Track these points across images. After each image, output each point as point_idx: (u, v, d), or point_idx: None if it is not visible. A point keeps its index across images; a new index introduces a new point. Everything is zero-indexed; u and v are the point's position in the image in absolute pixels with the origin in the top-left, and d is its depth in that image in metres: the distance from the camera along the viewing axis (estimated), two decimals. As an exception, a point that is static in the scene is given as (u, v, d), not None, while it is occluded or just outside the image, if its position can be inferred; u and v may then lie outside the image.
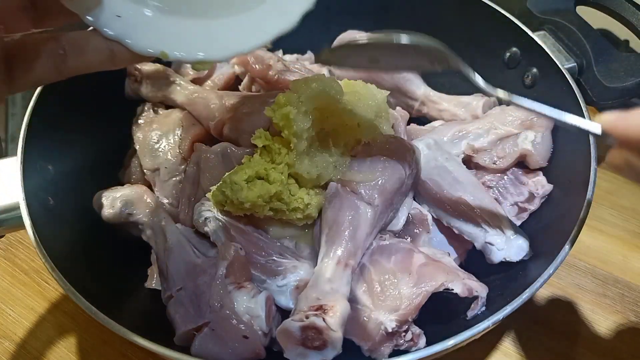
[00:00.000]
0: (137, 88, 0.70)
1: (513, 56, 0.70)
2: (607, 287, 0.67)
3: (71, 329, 0.66)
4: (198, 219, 0.58)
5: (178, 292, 0.54)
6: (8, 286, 0.70)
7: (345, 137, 0.57)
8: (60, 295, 0.69)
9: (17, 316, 0.67)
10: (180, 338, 0.52)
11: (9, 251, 0.74)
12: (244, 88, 0.71)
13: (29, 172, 0.56)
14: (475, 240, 0.59)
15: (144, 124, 0.68)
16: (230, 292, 0.52)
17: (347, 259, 0.52)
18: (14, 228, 0.56)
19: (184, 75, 0.73)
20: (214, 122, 0.64)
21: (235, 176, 0.55)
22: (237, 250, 0.53)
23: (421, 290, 0.52)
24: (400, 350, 0.52)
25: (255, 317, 0.50)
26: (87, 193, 0.62)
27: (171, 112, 0.69)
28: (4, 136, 0.92)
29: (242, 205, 0.54)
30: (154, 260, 0.60)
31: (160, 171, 0.64)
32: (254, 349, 0.50)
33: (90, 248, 0.59)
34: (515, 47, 0.69)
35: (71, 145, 0.64)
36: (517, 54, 0.69)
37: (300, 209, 0.56)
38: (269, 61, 0.69)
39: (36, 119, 0.59)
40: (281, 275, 0.54)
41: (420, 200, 0.62)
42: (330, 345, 0.46)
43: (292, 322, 0.46)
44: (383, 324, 0.51)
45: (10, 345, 0.65)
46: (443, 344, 0.45)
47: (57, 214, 0.57)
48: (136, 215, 0.60)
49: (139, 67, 0.68)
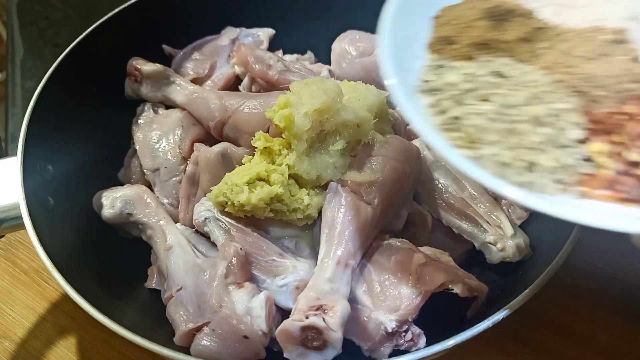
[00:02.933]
0: (137, 88, 0.70)
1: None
2: (607, 287, 0.67)
3: (71, 329, 0.66)
4: (198, 219, 0.58)
5: (178, 292, 0.54)
6: (8, 286, 0.70)
7: (345, 138, 0.57)
8: (60, 295, 0.69)
9: (17, 316, 0.67)
10: (180, 338, 0.52)
11: (9, 251, 0.74)
12: (244, 88, 0.71)
13: (29, 172, 0.56)
14: (475, 240, 0.59)
15: (144, 124, 0.68)
16: (230, 292, 0.52)
17: (347, 259, 0.52)
18: (14, 228, 0.56)
19: (184, 75, 0.73)
20: (214, 122, 0.64)
21: (236, 178, 0.55)
22: (237, 250, 0.53)
23: (421, 290, 0.52)
24: (400, 350, 0.52)
25: (255, 317, 0.50)
26: (87, 193, 0.62)
27: (171, 112, 0.69)
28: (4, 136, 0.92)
29: (243, 207, 0.54)
30: (154, 260, 0.60)
31: (160, 171, 0.64)
32: (254, 349, 0.50)
33: (90, 248, 0.60)
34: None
35: (71, 145, 0.64)
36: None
37: (300, 209, 0.56)
38: (269, 61, 0.69)
39: (36, 119, 0.59)
40: (281, 275, 0.54)
41: (420, 200, 0.62)
42: (330, 345, 0.46)
43: (292, 322, 0.46)
44: (383, 324, 0.51)
45: (10, 345, 0.65)
46: (443, 344, 0.45)
47: (57, 214, 0.57)
48: (136, 215, 0.60)
49: (139, 67, 0.68)
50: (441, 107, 0.42)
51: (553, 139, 0.40)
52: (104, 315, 0.47)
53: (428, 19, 0.47)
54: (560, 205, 0.38)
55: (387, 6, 0.46)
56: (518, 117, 0.40)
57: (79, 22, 1.05)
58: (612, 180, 0.39)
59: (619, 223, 0.36)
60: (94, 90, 0.69)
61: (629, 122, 0.40)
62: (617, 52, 0.44)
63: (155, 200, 0.61)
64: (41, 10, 1.10)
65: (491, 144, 0.39)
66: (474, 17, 0.45)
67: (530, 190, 0.39)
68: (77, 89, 0.66)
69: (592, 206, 0.39)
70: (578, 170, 0.40)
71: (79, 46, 0.66)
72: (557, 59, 0.44)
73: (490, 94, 0.41)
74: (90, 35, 0.67)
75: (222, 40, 0.76)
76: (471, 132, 0.40)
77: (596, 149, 0.41)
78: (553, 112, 0.41)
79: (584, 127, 0.41)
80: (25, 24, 1.08)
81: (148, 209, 0.60)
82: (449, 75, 0.43)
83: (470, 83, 0.42)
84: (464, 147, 0.40)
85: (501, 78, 0.42)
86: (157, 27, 0.74)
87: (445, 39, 0.45)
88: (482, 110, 0.41)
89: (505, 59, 0.44)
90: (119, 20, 0.69)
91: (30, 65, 1.01)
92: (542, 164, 0.39)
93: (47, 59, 0.99)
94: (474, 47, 0.44)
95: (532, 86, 0.42)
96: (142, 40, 0.72)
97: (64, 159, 0.62)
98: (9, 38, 1.06)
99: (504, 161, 0.39)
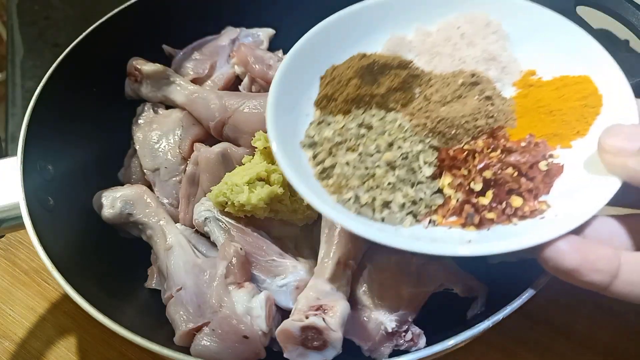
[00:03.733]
0: (137, 88, 0.70)
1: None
2: (607, 287, 0.67)
3: (71, 329, 0.66)
4: (198, 219, 0.58)
5: (178, 292, 0.54)
6: (8, 286, 0.70)
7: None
8: (60, 295, 0.69)
9: (17, 316, 0.67)
10: (180, 338, 0.52)
11: (9, 251, 0.74)
12: (244, 88, 0.71)
13: (29, 172, 0.56)
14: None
15: (144, 124, 0.68)
16: (230, 292, 0.52)
17: (347, 259, 0.52)
18: (14, 228, 0.56)
19: (184, 75, 0.73)
20: (214, 122, 0.64)
21: (236, 178, 0.55)
22: (237, 250, 0.53)
23: (421, 290, 0.52)
24: (400, 351, 0.52)
25: (255, 317, 0.50)
26: (87, 193, 0.62)
27: (171, 112, 0.69)
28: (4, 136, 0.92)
29: (243, 207, 0.54)
30: (154, 260, 0.60)
31: (160, 171, 0.64)
32: (254, 349, 0.50)
33: (90, 248, 0.59)
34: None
35: (71, 145, 0.64)
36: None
37: (300, 209, 0.56)
38: (269, 61, 0.69)
39: (36, 119, 0.59)
40: (281, 275, 0.54)
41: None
42: (330, 345, 0.46)
43: (292, 322, 0.46)
44: (383, 324, 0.51)
45: (10, 345, 0.65)
46: (443, 344, 0.45)
47: (57, 214, 0.57)
48: (136, 215, 0.60)
49: (139, 67, 0.68)
50: (318, 159, 0.48)
51: (407, 179, 0.47)
52: (104, 315, 0.47)
53: (318, 77, 0.53)
54: (393, 236, 0.43)
55: (279, 70, 0.51)
56: (375, 163, 0.47)
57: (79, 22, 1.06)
58: (457, 208, 0.46)
59: (449, 247, 0.42)
60: (94, 90, 0.69)
61: (476, 156, 0.47)
62: (470, 94, 0.50)
63: (155, 200, 0.61)
64: (41, 10, 1.10)
65: (353, 189, 0.46)
66: (350, 76, 0.51)
67: (388, 224, 0.45)
68: (77, 89, 0.66)
69: (437, 233, 0.45)
70: (431, 203, 0.46)
71: (79, 46, 0.66)
72: (419, 104, 0.51)
73: (355, 144, 0.48)
74: (90, 35, 0.67)
75: (222, 40, 0.76)
76: (339, 180, 0.46)
77: (446, 182, 0.47)
78: (409, 154, 0.47)
79: (436, 164, 0.48)
80: (25, 24, 1.08)
81: (148, 209, 0.60)
82: (325, 130, 0.49)
83: (340, 136, 0.49)
84: (335, 193, 0.46)
85: (366, 129, 0.49)
86: (157, 27, 0.74)
87: (327, 96, 0.51)
88: (347, 160, 0.47)
89: (374, 110, 0.51)
90: (119, 20, 0.69)
91: (30, 65, 1.01)
92: (395, 201, 0.46)
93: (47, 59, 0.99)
94: (349, 102, 0.51)
95: (393, 133, 0.48)
96: (142, 40, 0.72)
97: (64, 159, 0.62)
98: (9, 38, 1.06)
99: (362, 202, 0.45)
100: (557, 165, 0.47)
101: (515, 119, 0.50)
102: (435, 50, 0.55)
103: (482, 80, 0.51)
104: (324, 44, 0.54)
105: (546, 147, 0.48)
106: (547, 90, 0.52)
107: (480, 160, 0.46)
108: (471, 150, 0.47)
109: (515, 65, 0.54)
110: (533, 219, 0.44)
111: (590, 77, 0.51)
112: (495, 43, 0.54)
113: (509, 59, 0.54)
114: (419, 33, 0.56)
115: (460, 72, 0.52)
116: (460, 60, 0.54)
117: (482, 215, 0.44)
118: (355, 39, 0.55)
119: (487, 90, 0.50)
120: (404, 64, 0.53)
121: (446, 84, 0.51)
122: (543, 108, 0.51)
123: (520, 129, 0.50)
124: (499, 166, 0.45)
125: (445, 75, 0.53)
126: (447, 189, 0.47)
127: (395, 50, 0.55)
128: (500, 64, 0.53)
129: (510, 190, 0.45)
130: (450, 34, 0.55)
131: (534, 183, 0.45)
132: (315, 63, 0.53)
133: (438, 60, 0.54)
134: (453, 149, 0.48)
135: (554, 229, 0.41)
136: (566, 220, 0.41)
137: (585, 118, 0.49)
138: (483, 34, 0.54)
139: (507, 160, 0.45)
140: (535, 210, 0.44)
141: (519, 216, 0.44)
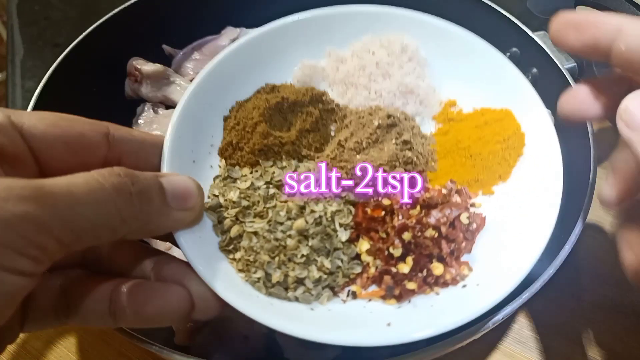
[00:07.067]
0: (137, 88, 0.70)
1: (513, 56, 0.70)
2: (607, 287, 0.67)
3: (71, 329, 0.66)
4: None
5: (178, 292, 0.54)
6: (8, 286, 0.70)
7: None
8: (60, 295, 0.69)
9: (17, 316, 0.67)
10: (180, 338, 0.52)
11: (9, 251, 0.73)
12: (244, 88, 0.71)
13: (29, 172, 0.56)
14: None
15: (144, 124, 0.68)
16: (230, 292, 0.52)
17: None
18: (14, 228, 0.55)
19: (184, 75, 0.73)
20: (214, 122, 0.64)
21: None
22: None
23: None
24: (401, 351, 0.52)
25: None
26: (87, 193, 0.62)
27: (171, 112, 0.69)
28: (4, 136, 0.92)
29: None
30: (154, 260, 0.60)
31: (160, 171, 0.64)
32: (254, 349, 0.50)
33: (90, 248, 0.59)
34: (515, 47, 0.69)
35: (71, 145, 0.64)
36: (517, 54, 0.69)
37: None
38: (268, 61, 0.69)
39: (36, 119, 0.59)
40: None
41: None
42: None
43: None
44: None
45: (10, 345, 0.65)
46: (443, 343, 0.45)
47: (57, 214, 0.57)
48: (136, 215, 0.60)
49: (139, 67, 0.68)
50: (223, 226, 0.41)
51: (321, 247, 0.41)
52: (104, 315, 0.47)
53: (222, 117, 0.48)
54: (305, 325, 0.38)
55: (176, 112, 0.45)
56: (286, 233, 0.41)
57: (79, 22, 1.05)
58: (376, 278, 0.41)
59: (365, 335, 0.38)
60: (94, 90, 0.69)
61: (395, 212, 0.42)
62: (387, 137, 0.46)
63: (155, 200, 0.61)
64: (41, 10, 1.10)
65: (263, 265, 0.40)
66: (256, 120, 0.45)
67: (303, 303, 0.40)
68: (77, 89, 0.66)
69: (355, 310, 0.40)
70: (349, 272, 0.41)
71: (79, 46, 0.66)
72: (333, 152, 0.45)
73: (264, 209, 0.41)
74: (90, 35, 0.67)
75: (222, 40, 0.76)
76: (248, 254, 0.40)
77: (363, 248, 0.42)
78: (322, 218, 0.42)
79: (352, 226, 0.42)
80: (25, 24, 1.08)
81: (148, 209, 0.60)
82: (230, 191, 0.43)
83: (247, 200, 0.42)
84: (243, 271, 0.40)
85: (276, 188, 0.43)
86: (157, 27, 0.74)
87: (233, 145, 0.46)
88: (255, 229, 0.41)
89: (285, 161, 0.45)
90: (119, 20, 0.69)
91: (30, 65, 1.01)
92: (310, 276, 0.40)
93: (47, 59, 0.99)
94: (256, 153, 0.45)
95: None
96: (142, 40, 0.72)
97: (64, 159, 0.62)
98: (9, 38, 1.06)
99: (274, 281, 0.40)
100: (479, 216, 0.44)
101: (436, 160, 0.47)
102: (349, 81, 0.51)
103: (399, 120, 0.47)
104: (229, 75, 0.49)
105: (467, 195, 0.45)
106: (467, 127, 0.49)
107: (398, 220, 0.42)
108: (389, 207, 0.43)
109: (434, 96, 0.51)
110: (455, 286, 0.42)
111: (511, 112, 0.48)
112: (412, 72, 0.50)
113: (427, 89, 0.50)
114: (331, 59, 0.52)
115: (376, 110, 0.48)
116: (377, 93, 0.50)
117: (403, 286, 0.41)
118: (264, 66, 0.51)
119: (404, 134, 0.46)
120: (317, 97, 0.48)
121: (362, 125, 0.47)
122: (464, 151, 0.48)
123: (441, 172, 0.47)
124: (418, 228, 0.42)
125: (361, 113, 0.49)
126: (365, 256, 0.43)
127: (307, 80, 0.51)
128: (419, 97, 0.50)
129: (430, 254, 0.42)
130: (365, 62, 0.51)
131: (455, 244, 0.42)
132: (220, 99, 0.48)
133: (353, 92, 0.51)
134: (370, 207, 0.43)
135: (475, 306, 0.39)
136: (488, 293, 0.40)
137: (506, 161, 0.47)
138: (399, 62, 0.50)
139: (428, 222, 0.42)
140: (456, 276, 0.42)
141: (440, 284, 0.42)
